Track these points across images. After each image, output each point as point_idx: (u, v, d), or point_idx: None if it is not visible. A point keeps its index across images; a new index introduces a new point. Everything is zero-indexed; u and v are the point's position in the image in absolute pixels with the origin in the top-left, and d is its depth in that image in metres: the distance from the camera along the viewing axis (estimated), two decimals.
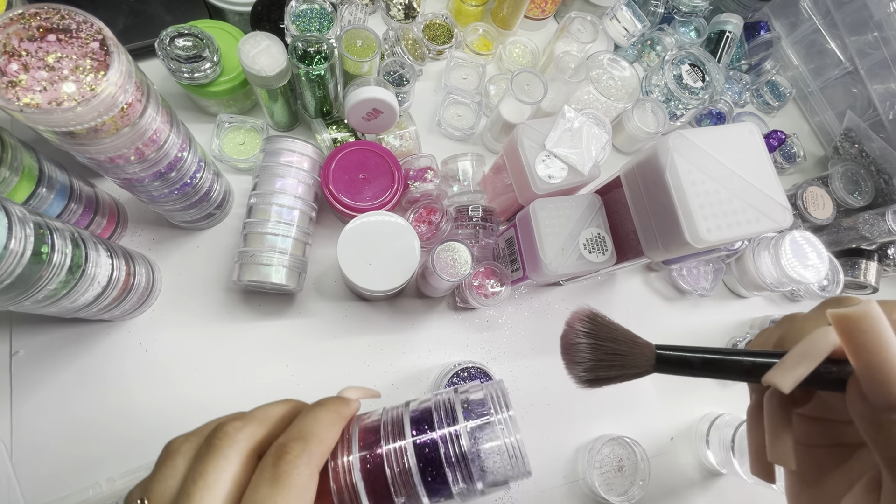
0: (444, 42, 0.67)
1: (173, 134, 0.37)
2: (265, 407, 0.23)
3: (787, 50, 0.84)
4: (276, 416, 0.23)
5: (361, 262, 0.45)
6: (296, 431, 0.22)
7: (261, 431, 0.22)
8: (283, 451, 0.20)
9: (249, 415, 0.22)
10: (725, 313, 0.68)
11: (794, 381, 0.19)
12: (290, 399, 0.25)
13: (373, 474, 0.23)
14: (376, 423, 0.25)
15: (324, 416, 0.23)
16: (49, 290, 0.33)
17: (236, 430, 0.21)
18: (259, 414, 0.22)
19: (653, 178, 0.40)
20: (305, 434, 0.21)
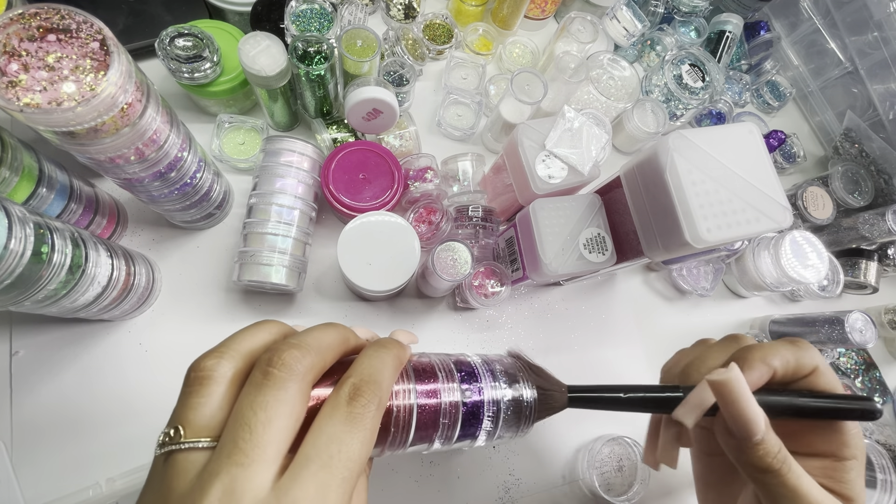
0: (444, 42, 0.67)
1: (173, 134, 0.37)
2: (317, 333, 0.22)
3: (787, 50, 0.84)
4: (330, 346, 0.22)
5: (361, 262, 0.45)
6: (367, 373, 0.21)
7: (319, 364, 0.21)
8: (358, 393, 0.20)
9: (304, 342, 0.21)
10: (725, 313, 0.68)
11: (694, 419, 0.27)
12: (336, 324, 0.24)
13: (425, 411, 0.25)
14: (427, 365, 0.27)
15: (390, 362, 0.23)
16: (49, 290, 0.33)
17: (296, 359, 0.20)
18: (314, 342, 0.22)
19: (653, 178, 0.40)
20: (377, 378, 0.21)
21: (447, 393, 0.26)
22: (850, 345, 0.57)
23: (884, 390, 0.70)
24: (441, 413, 0.25)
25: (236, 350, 0.21)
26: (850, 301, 0.75)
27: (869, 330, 0.58)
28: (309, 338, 0.22)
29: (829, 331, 0.59)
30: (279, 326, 0.24)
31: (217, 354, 0.21)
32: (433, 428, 0.25)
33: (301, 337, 0.22)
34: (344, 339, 0.24)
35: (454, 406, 0.25)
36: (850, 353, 0.71)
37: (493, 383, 0.27)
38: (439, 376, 0.26)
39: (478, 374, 0.27)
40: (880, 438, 0.62)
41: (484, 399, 0.26)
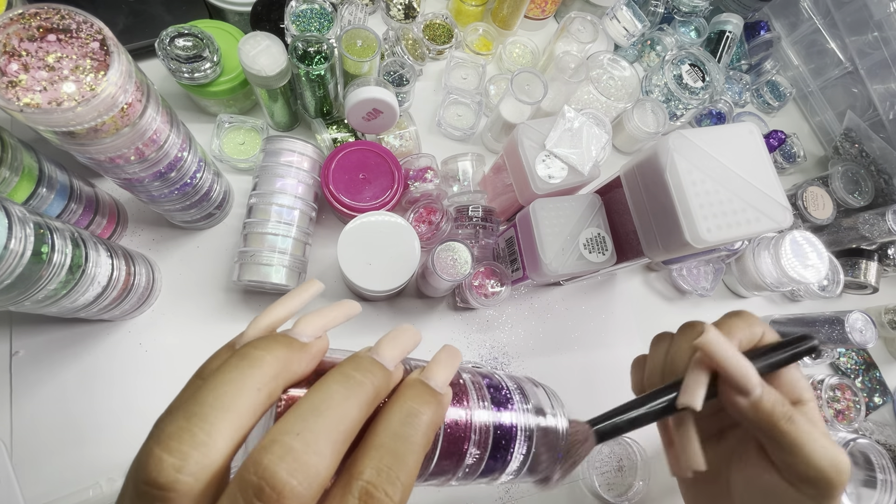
0: (444, 42, 0.67)
1: (173, 134, 0.37)
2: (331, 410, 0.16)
3: (787, 50, 0.84)
4: (352, 429, 0.16)
5: (361, 262, 0.45)
6: (385, 465, 0.15)
7: (333, 470, 0.15)
8: (372, 502, 0.15)
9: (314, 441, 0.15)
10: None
11: (700, 398, 0.25)
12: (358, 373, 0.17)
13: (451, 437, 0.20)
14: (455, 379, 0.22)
15: (421, 441, 0.17)
16: (49, 290, 0.33)
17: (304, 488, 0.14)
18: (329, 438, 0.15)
19: (653, 178, 0.40)
20: (397, 474, 0.15)
21: (478, 413, 0.21)
22: (851, 345, 0.57)
23: (884, 390, 0.70)
24: (468, 439, 0.20)
25: (209, 445, 0.14)
26: (850, 301, 0.75)
27: (869, 330, 0.58)
28: (321, 432, 0.15)
29: (830, 331, 0.59)
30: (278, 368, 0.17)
31: (177, 462, 0.14)
32: (457, 458, 0.20)
33: (306, 431, 0.15)
34: (371, 403, 0.17)
35: (485, 431, 0.21)
36: (850, 353, 0.71)
37: (525, 406, 0.23)
38: (470, 392, 0.21)
39: (508, 393, 0.23)
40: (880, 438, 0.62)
41: (517, 424, 0.22)
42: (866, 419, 0.66)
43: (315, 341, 0.18)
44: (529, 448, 0.22)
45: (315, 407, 0.15)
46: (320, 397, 0.16)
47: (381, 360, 0.18)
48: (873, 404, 0.68)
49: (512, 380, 0.25)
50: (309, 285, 0.21)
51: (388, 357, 0.19)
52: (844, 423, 0.64)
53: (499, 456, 0.22)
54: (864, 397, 0.66)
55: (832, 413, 0.64)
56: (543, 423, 0.23)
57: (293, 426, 0.15)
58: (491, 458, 0.21)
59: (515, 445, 0.22)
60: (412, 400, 0.18)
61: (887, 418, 0.69)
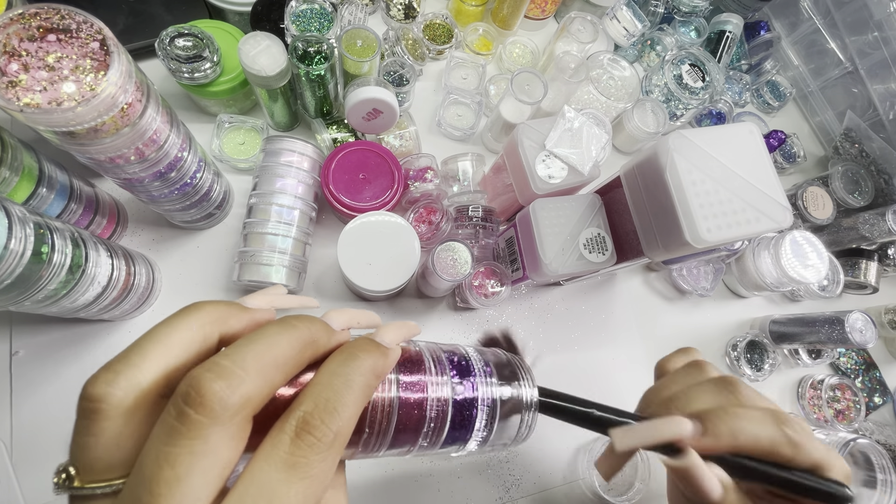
0: (444, 42, 0.67)
1: (173, 134, 0.37)
2: (262, 344, 0.17)
3: (787, 50, 0.84)
4: (280, 363, 0.17)
5: (361, 262, 0.45)
6: (322, 399, 0.16)
7: (262, 391, 0.16)
8: (307, 428, 0.16)
9: (239, 363, 0.16)
10: (725, 313, 0.68)
11: (629, 449, 0.25)
12: (296, 321, 0.18)
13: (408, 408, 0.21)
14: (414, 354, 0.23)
15: (359, 380, 0.18)
16: (49, 290, 0.33)
17: (222, 394, 0.15)
18: (254, 362, 0.16)
19: (653, 178, 0.40)
20: (335, 405, 0.16)
21: (436, 387, 0.22)
22: (850, 345, 0.57)
23: (884, 390, 0.70)
24: (426, 411, 0.21)
25: (140, 367, 0.16)
26: (850, 301, 0.75)
27: (869, 330, 0.58)
28: (248, 354, 0.16)
29: (829, 331, 0.59)
30: (215, 315, 0.18)
31: (110, 376, 0.16)
32: (416, 429, 0.21)
33: (237, 353, 0.16)
34: (305, 344, 0.18)
35: (443, 403, 0.22)
36: (850, 353, 0.71)
37: (489, 379, 0.24)
38: (427, 366, 0.22)
39: (472, 367, 0.23)
40: (880, 438, 0.62)
41: (478, 396, 0.23)
42: (866, 419, 0.66)
43: (259, 309, 0.20)
44: (493, 418, 0.23)
45: (248, 338, 0.17)
46: (256, 332, 0.18)
47: (325, 319, 0.20)
48: (873, 404, 0.68)
49: (477, 351, 0.25)
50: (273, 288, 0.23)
51: (334, 319, 0.21)
52: (844, 423, 0.64)
53: (461, 425, 0.22)
54: (864, 397, 0.66)
55: (832, 413, 0.64)
56: (507, 394, 0.24)
57: (225, 351, 0.17)
58: (453, 427, 0.22)
59: (477, 415, 0.23)
60: (356, 347, 0.19)
61: (887, 418, 0.69)
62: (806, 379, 0.66)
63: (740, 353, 0.63)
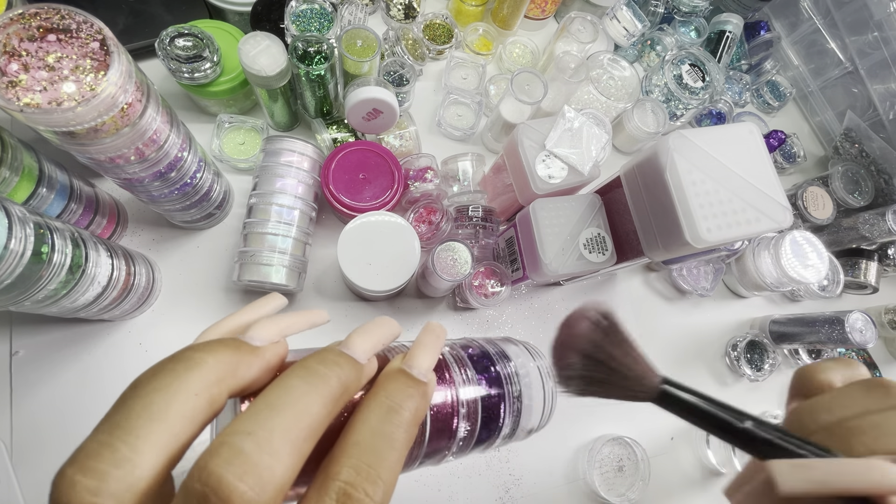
0: (444, 42, 0.67)
1: (173, 134, 0.37)
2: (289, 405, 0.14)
3: (787, 50, 0.84)
4: (317, 427, 0.14)
5: (361, 262, 0.45)
6: (365, 463, 0.14)
7: (296, 472, 0.13)
8: (350, 503, 0.13)
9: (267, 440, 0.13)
10: (725, 313, 0.68)
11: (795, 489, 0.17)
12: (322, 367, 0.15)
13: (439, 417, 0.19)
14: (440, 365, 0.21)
15: (403, 437, 0.15)
16: (49, 290, 0.33)
17: (256, 492, 0.12)
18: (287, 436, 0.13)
19: (653, 178, 0.40)
20: (378, 470, 0.14)
21: (464, 390, 0.20)
22: (851, 345, 0.57)
23: None
24: (458, 418, 0.20)
25: (133, 461, 0.12)
26: (850, 301, 0.75)
27: (869, 330, 0.58)
28: (276, 428, 0.13)
29: (829, 331, 0.59)
30: (221, 370, 0.15)
31: (93, 484, 0.12)
32: (449, 438, 0.20)
33: (260, 429, 0.13)
34: (338, 398, 0.15)
35: (472, 405, 0.20)
36: (851, 353, 0.71)
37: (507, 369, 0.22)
38: (452, 371, 0.21)
39: (489, 359, 0.22)
40: None
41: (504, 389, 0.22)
42: None
43: (269, 346, 0.17)
44: (518, 409, 0.22)
45: (270, 403, 0.14)
46: (276, 393, 0.14)
47: (351, 352, 0.17)
48: None
49: (491, 344, 0.24)
50: (271, 298, 0.20)
51: (359, 350, 0.17)
52: None
53: (490, 423, 0.21)
54: None
55: None
56: (527, 381, 0.23)
57: (244, 426, 0.13)
58: (483, 427, 0.21)
59: (505, 409, 0.21)
60: (394, 393, 0.16)
61: None
62: None
63: (740, 353, 0.63)
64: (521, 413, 0.22)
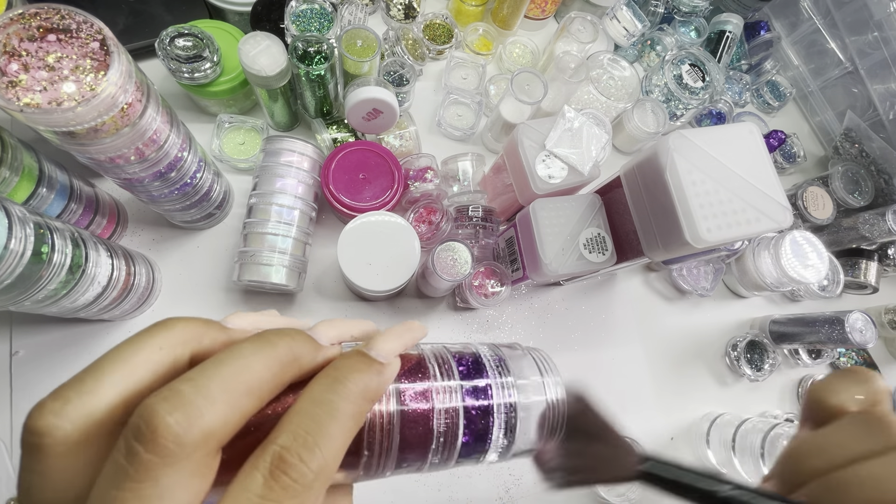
0: (444, 42, 0.67)
1: (173, 134, 0.37)
2: (232, 365, 0.14)
3: (787, 50, 0.84)
4: (254, 387, 0.15)
5: (361, 262, 0.45)
6: (302, 432, 0.14)
7: (229, 421, 0.14)
8: (283, 467, 0.14)
9: (202, 390, 0.14)
10: (725, 313, 0.68)
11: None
12: (276, 336, 0.16)
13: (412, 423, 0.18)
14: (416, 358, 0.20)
15: (347, 407, 0.15)
16: (49, 290, 0.33)
17: (179, 429, 0.13)
18: (220, 387, 0.14)
19: (653, 178, 0.40)
20: (316, 440, 0.14)
21: (443, 395, 0.19)
22: (851, 345, 0.57)
23: None
24: (434, 424, 0.19)
25: (95, 393, 0.14)
26: (850, 301, 0.75)
27: (869, 330, 0.58)
28: (214, 377, 0.14)
29: (829, 331, 0.59)
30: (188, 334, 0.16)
31: (57, 405, 0.13)
32: (424, 446, 0.19)
33: (201, 376, 0.14)
34: (285, 364, 0.16)
35: (452, 413, 0.19)
36: (851, 353, 0.71)
37: (504, 380, 0.21)
38: (431, 372, 0.20)
39: (484, 367, 0.21)
40: None
41: (493, 402, 0.20)
42: None
43: (239, 329, 0.18)
44: (512, 425, 0.20)
45: (217, 359, 0.15)
46: (225, 352, 0.15)
47: (313, 333, 0.17)
48: None
49: (491, 349, 0.22)
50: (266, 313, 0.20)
51: (322, 333, 0.18)
52: None
53: (476, 436, 0.20)
54: None
55: None
56: (527, 399, 0.20)
57: (189, 374, 0.14)
58: (468, 438, 0.19)
59: (494, 423, 0.20)
60: (341, 367, 0.16)
61: None
62: (806, 379, 0.66)
63: (740, 353, 0.63)
64: (517, 427, 0.20)
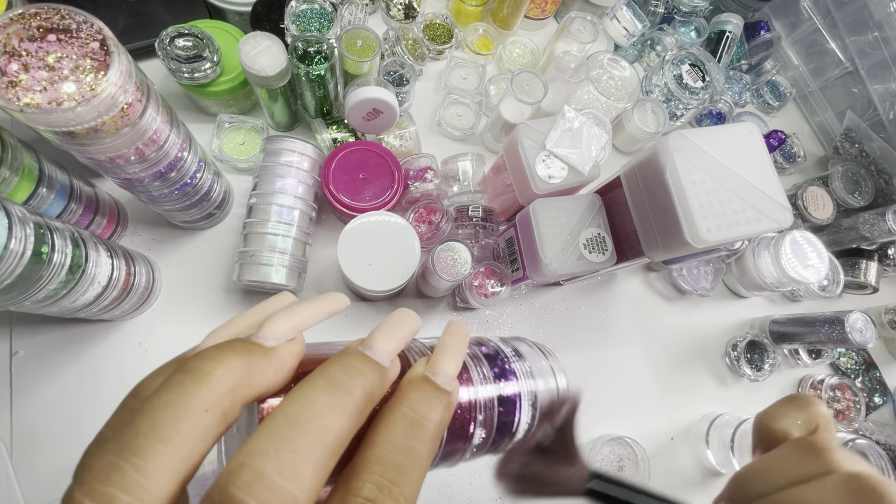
0: (444, 42, 0.67)
1: (173, 134, 0.37)
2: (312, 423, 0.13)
3: (788, 50, 0.84)
4: (341, 443, 0.14)
5: (361, 262, 0.45)
6: (386, 483, 0.13)
7: (320, 489, 0.13)
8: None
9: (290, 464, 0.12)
10: (725, 313, 0.68)
11: None
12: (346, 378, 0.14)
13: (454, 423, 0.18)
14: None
15: (426, 452, 0.15)
16: (49, 290, 0.33)
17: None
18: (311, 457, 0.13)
19: (653, 178, 0.40)
20: (401, 489, 0.14)
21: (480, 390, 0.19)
22: (851, 345, 0.57)
23: (884, 390, 0.70)
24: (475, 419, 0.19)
25: (144, 486, 0.12)
26: (850, 301, 0.75)
27: (869, 330, 0.58)
28: (298, 450, 0.13)
29: (829, 331, 0.59)
30: (234, 380, 0.14)
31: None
32: (463, 442, 0.19)
33: (282, 451, 0.12)
34: (362, 410, 0.15)
35: (489, 405, 0.19)
36: (850, 353, 0.71)
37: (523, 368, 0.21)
38: (472, 370, 0.20)
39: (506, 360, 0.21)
40: (880, 438, 0.62)
41: (520, 392, 0.20)
42: (866, 419, 0.66)
43: (284, 345, 0.15)
44: (534, 414, 0.21)
45: (292, 420, 0.13)
46: (299, 408, 0.13)
47: (375, 356, 0.16)
48: (873, 404, 0.68)
49: (507, 344, 0.23)
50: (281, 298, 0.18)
51: (384, 352, 0.16)
52: (844, 424, 0.64)
53: (505, 429, 0.20)
54: (864, 397, 0.66)
55: (832, 413, 0.64)
56: (543, 386, 0.22)
57: (265, 444, 0.12)
58: (498, 432, 0.20)
59: (520, 415, 0.20)
60: (418, 404, 0.15)
61: (887, 418, 0.69)
62: (806, 379, 0.66)
63: (740, 353, 0.63)
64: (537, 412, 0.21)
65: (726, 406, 0.61)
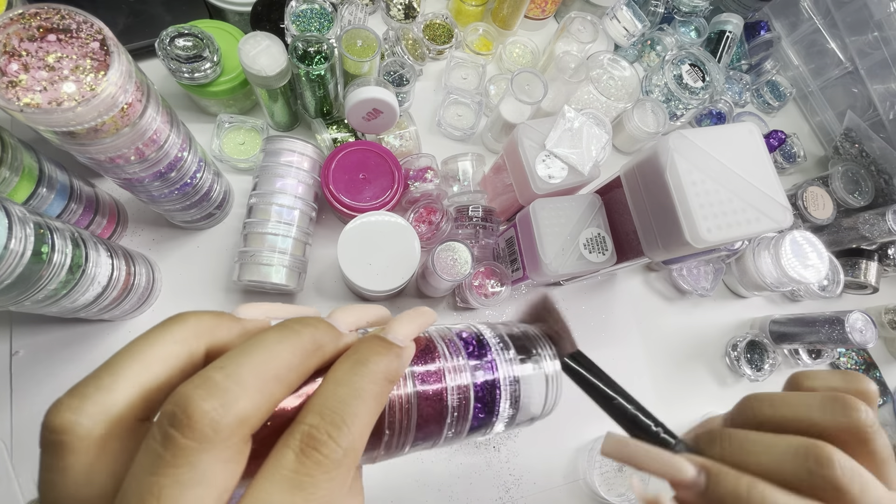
0: (444, 42, 0.67)
1: (173, 134, 0.37)
2: (259, 354, 0.15)
3: (788, 50, 0.84)
4: (282, 374, 0.15)
5: (361, 262, 0.45)
6: (329, 410, 0.15)
7: (261, 408, 0.14)
8: (314, 444, 0.14)
9: (233, 377, 0.14)
10: (725, 313, 0.68)
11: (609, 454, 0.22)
12: (298, 326, 0.17)
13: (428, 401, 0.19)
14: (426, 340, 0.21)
15: (371, 387, 0.16)
16: (49, 290, 0.33)
17: (214, 415, 0.13)
18: (251, 374, 0.14)
19: (653, 178, 0.40)
20: (343, 417, 0.15)
21: (454, 374, 0.20)
22: (851, 345, 0.57)
23: (884, 390, 0.70)
24: (448, 401, 0.20)
25: (112, 389, 0.14)
26: (850, 301, 0.75)
27: (869, 330, 0.58)
28: (244, 365, 0.14)
29: (829, 331, 0.59)
30: (202, 326, 0.17)
31: (75, 402, 0.14)
32: (439, 421, 0.20)
33: (231, 365, 0.14)
34: (309, 351, 0.16)
35: (464, 389, 0.20)
36: (851, 353, 0.71)
37: (506, 354, 0.22)
38: (441, 352, 0.21)
39: (487, 344, 0.22)
40: None
41: (499, 376, 0.21)
42: None
43: (252, 320, 0.18)
44: (517, 395, 0.22)
45: (243, 349, 0.15)
46: (251, 341, 0.15)
47: (331, 320, 0.18)
48: None
49: (489, 327, 0.24)
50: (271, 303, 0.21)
51: (340, 320, 0.19)
52: None
53: (486, 409, 0.21)
54: None
55: None
56: (529, 367, 0.23)
57: (218, 363, 0.15)
58: (477, 412, 0.21)
59: (501, 395, 0.21)
60: (362, 350, 0.17)
61: (887, 418, 0.69)
62: None
63: (740, 353, 0.63)
64: (520, 398, 0.22)
65: (726, 406, 0.61)
